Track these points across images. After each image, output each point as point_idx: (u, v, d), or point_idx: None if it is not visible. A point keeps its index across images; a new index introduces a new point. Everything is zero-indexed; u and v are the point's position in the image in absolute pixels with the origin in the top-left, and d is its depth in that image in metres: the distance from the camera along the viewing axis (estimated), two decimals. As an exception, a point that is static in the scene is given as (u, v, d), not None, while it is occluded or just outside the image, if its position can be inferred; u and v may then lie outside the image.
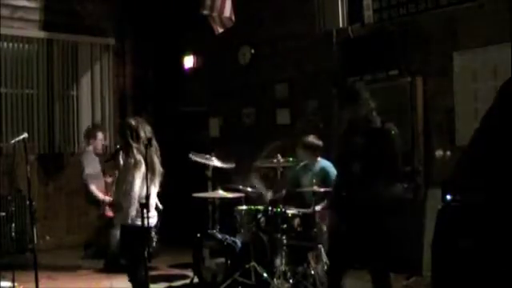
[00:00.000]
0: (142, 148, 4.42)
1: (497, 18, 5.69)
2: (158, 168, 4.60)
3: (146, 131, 4.58)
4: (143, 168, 4.37)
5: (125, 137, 4.56)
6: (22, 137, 5.31)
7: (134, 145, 4.50)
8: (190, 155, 6.00)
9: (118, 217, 4.74)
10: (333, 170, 6.09)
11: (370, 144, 4.15)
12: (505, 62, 5.26)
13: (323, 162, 6.13)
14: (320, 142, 6.16)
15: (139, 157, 4.46)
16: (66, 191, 8.49)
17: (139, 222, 4.25)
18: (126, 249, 4.69)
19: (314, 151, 6.13)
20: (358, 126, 4.31)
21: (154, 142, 4.55)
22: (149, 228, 4.37)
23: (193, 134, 9.19)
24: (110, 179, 7.02)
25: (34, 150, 8.26)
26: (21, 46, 8.40)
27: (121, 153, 4.75)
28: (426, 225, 6.01)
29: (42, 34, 8.49)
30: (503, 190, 2.60)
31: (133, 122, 4.61)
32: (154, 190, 4.65)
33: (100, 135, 7.43)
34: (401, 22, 6.50)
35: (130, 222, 4.46)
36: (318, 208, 5.69)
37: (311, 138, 6.16)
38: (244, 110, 8.48)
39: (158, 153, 4.64)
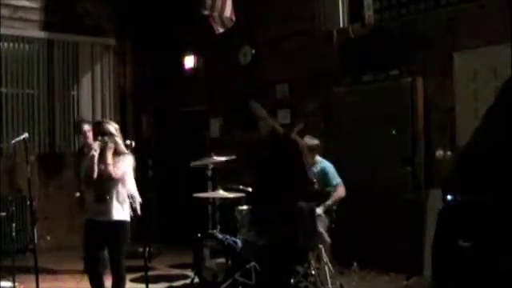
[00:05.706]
0: None
1: (497, 18, 5.69)
2: None
3: None
4: None
5: (114, 137, 4.69)
6: (22, 137, 5.32)
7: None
8: (191, 164, 6.15)
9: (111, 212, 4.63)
10: (332, 171, 6.08)
11: (280, 156, 4.05)
12: (505, 62, 5.25)
13: (324, 163, 6.12)
14: (316, 141, 6.07)
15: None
16: (66, 191, 8.47)
17: (128, 218, 4.65)
18: (124, 245, 4.70)
19: (313, 151, 6.08)
20: (266, 141, 4.16)
21: None
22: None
23: (193, 134, 9.19)
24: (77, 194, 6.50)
25: (35, 150, 8.27)
26: (21, 46, 8.41)
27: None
28: (427, 225, 6.01)
29: (42, 34, 8.50)
30: (504, 189, 2.60)
31: (115, 124, 4.83)
32: None
33: (86, 127, 6.70)
34: (401, 22, 6.51)
35: (124, 217, 4.65)
36: (319, 210, 5.67)
37: (307, 139, 5.85)
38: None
39: None
